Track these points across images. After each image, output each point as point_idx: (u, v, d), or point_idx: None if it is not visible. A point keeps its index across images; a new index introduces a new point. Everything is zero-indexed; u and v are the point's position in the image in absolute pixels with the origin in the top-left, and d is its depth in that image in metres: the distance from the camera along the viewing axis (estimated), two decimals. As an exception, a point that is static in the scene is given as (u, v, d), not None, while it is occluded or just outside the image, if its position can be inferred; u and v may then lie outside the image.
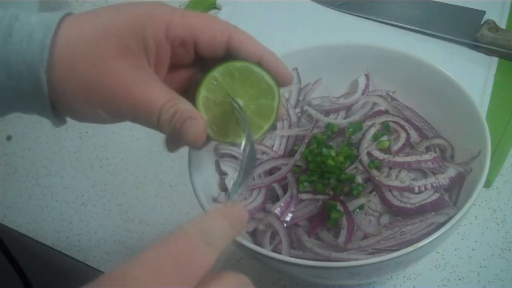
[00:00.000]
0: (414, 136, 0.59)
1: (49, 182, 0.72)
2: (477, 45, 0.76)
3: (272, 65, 0.46)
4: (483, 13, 0.80)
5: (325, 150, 0.56)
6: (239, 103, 0.45)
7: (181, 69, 0.47)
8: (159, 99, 0.42)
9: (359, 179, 0.55)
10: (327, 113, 0.62)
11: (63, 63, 0.41)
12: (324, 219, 0.53)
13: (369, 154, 0.56)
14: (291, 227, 0.54)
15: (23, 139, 0.77)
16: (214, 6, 0.87)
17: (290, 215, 0.54)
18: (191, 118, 0.42)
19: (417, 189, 0.53)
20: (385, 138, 0.57)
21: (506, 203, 0.63)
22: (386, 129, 0.59)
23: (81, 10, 0.45)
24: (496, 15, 0.80)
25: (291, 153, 0.60)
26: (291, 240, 0.53)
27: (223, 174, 0.58)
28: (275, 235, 0.53)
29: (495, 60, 0.75)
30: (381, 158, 0.56)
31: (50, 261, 0.67)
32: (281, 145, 0.60)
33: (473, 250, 0.59)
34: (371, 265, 0.46)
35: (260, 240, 0.53)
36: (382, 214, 0.54)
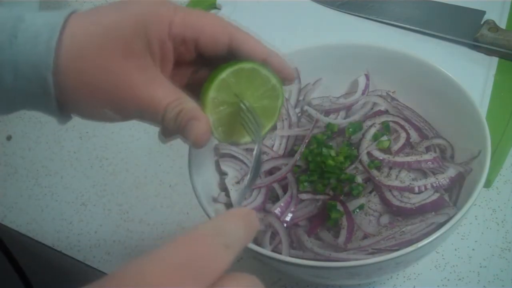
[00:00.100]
0: (414, 136, 0.59)
1: (49, 182, 0.72)
2: (477, 45, 0.76)
3: (275, 64, 0.46)
4: (483, 13, 0.80)
5: (325, 150, 0.56)
6: (248, 105, 0.46)
7: (184, 66, 0.47)
8: (164, 98, 0.42)
9: (359, 179, 0.55)
10: (327, 113, 0.62)
11: (69, 65, 0.41)
12: (324, 219, 0.53)
13: (369, 154, 0.56)
14: (291, 227, 0.54)
15: (23, 139, 0.77)
16: (214, 6, 0.87)
17: (290, 215, 0.54)
18: (195, 118, 0.42)
19: (417, 189, 0.53)
20: (385, 138, 0.57)
21: (506, 203, 0.63)
22: (386, 129, 0.59)
23: (81, 10, 0.45)
24: (496, 15, 0.80)
25: (291, 153, 0.60)
26: (291, 240, 0.53)
27: (223, 174, 0.58)
28: (275, 235, 0.53)
29: (495, 60, 0.76)
30: (381, 158, 0.56)
31: (50, 261, 0.67)
32: (281, 145, 0.60)
33: (473, 250, 0.59)
34: (371, 265, 0.46)
35: (260, 240, 0.53)
36: (382, 214, 0.54)
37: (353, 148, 0.58)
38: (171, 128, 0.43)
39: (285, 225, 0.54)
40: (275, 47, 0.48)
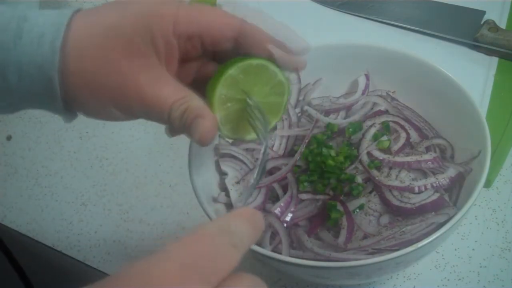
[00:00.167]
0: (414, 136, 0.59)
1: (49, 182, 0.72)
2: (477, 45, 0.76)
3: (283, 62, 0.46)
4: (483, 13, 0.80)
5: (325, 150, 0.56)
6: (256, 102, 0.45)
7: (190, 61, 0.46)
8: (170, 97, 0.42)
9: (359, 179, 0.55)
10: (327, 113, 0.62)
11: (74, 65, 0.41)
12: (324, 219, 0.53)
13: (369, 154, 0.56)
14: (291, 227, 0.54)
15: (23, 139, 0.77)
16: (214, 6, 0.87)
17: (290, 215, 0.54)
18: (200, 116, 0.42)
19: (417, 189, 0.53)
20: (385, 138, 0.57)
21: (506, 203, 0.63)
22: (386, 129, 0.59)
23: (85, 9, 0.44)
24: (496, 15, 0.80)
25: (291, 153, 0.60)
26: (291, 240, 0.53)
27: (223, 174, 0.58)
28: (275, 235, 0.53)
29: (495, 60, 0.76)
30: (381, 158, 0.56)
31: (50, 261, 0.67)
32: (281, 145, 0.60)
33: (473, 250, 0.59)
34: (371, 265, 0.46)
35: (260, 240, 0.53)
36: (382, 214, 0.54)
37: (353, 148, 0.58)
38: (177, 126, 0.42)
39: (285, 225, 0.54)
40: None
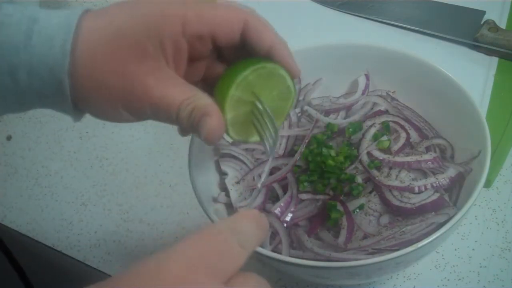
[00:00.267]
0: (414, 136, 0.59)
1: (49, 182, 0.72)
2: (477, 45, 0.76)
3: (281, 57, 0.46)
4: (483, 13, 0.80)
5: (325, 150, 0.56)
6: (265, 106, 0.45)
7: (198, 61, 0.46)
8: (177, 97, 0.42)
9: (359, 179, 0.55)
10: (327, 113, 0.62)
11: (84, 68, 0.41)
12: (324, 219, 0.53)
13: (369, 154, 0.56)
14: (291, 227, 0.54)
15: (23, 139, 0.77)
16: (214, 6, 0.87)
17: (290, 215, 0.54)
18: (207, 114, 0.42)
19: (417, 189, 0.53)
20: (385, 138, 0.57)
21: (506, 203, 0.63)
22: (386, 129, 0.59)
23: (94, 9, 0.44)
24: (496, 15, 0.80)
25: (291, 153, 0.60)
26: (291, 240, 0.53)
27: (223, 174, 0.58)
28: (275, 235, 0.53)
29: (495, 60, 0.76)
30: (381, 158, 0.56)
31: (50, 261, 0.67)
32: (281, 145, 0.60)
33: (473, 250, 0.59)
34: (371, 265, 0.46)
35: (260, 240, 0.53)
36: (382, 214, 0.54)
37: (353, 148, 0.58)
38: (186, 126, 0.43)
39: (285, 225, 0.54)
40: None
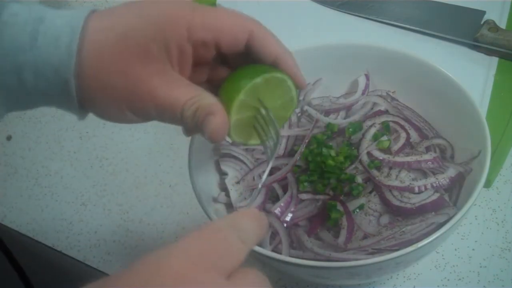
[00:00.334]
0: (414, 136, 0.59)
1: (49, 182, 0.72)
2: (477, 45, 0.76)
3: (287, 68, 0.46)
4: (483, 13, 0.80)
5: (325, 150, 0.56)
6: (269, 114, 0.46)
7: (202, 65, 0.47)
8: (182, 97, 0.42)
9: (359, 179, 0.55)
10: (327, 113, 0.62)
11: (90, 69, 0.41)
12: (324, 219, 0.53)
13: (369, 154, 0.56)
14: (291, 227, 0.54)
15: (23, 139, 0.77)
16: (214, 6, 0.87)
17: (290, 215, 0.54)
18: (211, 113, 0.42)
19: (417, 189, 0.53)
20: (385, 138, 0.57)
21: (506, 203, 0.63)
22: (386, 129, 0.59)
23: (100, 9, 0.44)
24: (496, 15, 0.80)
25: (291, 153, 0.60)
26: (291, 240, 0.53)
27: (223, 174, 0.58)
28: (275, 235, 0.53)
29: (495, 60, 0.76)
30: (381, 158, 0.56)
31: (50, 261, 0.67)
32: (281, 145, 0.60)
33: (473, 250, 0.59)
34: (371, 265, 0.46)
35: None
36: (382, 214, 0.54)
37: (353, 148, 0.58)
38: (190, 125, 0.43)
39: (285, 225, 0.54)
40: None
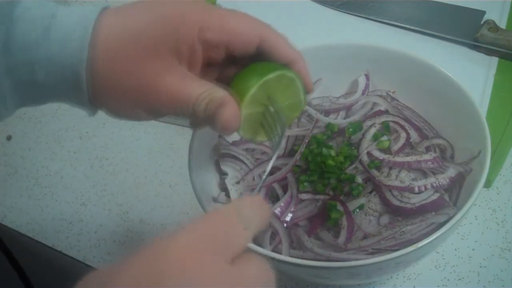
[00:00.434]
0: (414, 136, 0.59)
1: (49, 182, 0.72)
2: (477, 45, 0.76)
3: (298, 69, 0.47)
4: (483, 13, 0.80)
5: (325, 150, 0.56)
6: (279, 112, 0.46)
7: (212, 66, 0.47)
8: (194, 92, 0.42)
9: (359, 179, 0.55)
10: (327, 113, 0.62)
11: (103, 66, 0.42)
12: (324, 219, 0.53)
13: (369, 154, 0.56)
14: (291, 227, 0.54)
15: (23, 139, 0.77)
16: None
17: (290, 215, 0.54)
18: (223, 105, 0.42)
19: (417, 189, 0.53)
20: (385, 138, 0.57)
21: (506, 203, 0.63)
22: (386, 129, 0.59)
23: (112, 7, 0.44)
24: (496, 15, 0.80)
25: (291, 153, 0.60)
26: (291, 240, 0.53)
27: (223, 174, 0.58)
28: (275, 235, 0.53)
29: (495, 60, 0.76)
30: (381, 158, 0.56)
31: (50, 261, 0.67)
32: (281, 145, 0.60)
33: (473, 250, 0.59)
34: (371, 265, 0.46)
35: (260, 240, 0.53)
36: (382, 214, 0.54)
37: (353, 148, 0.58)
38: (202, 118, 0.43)
39: (285, 225, 0.54)
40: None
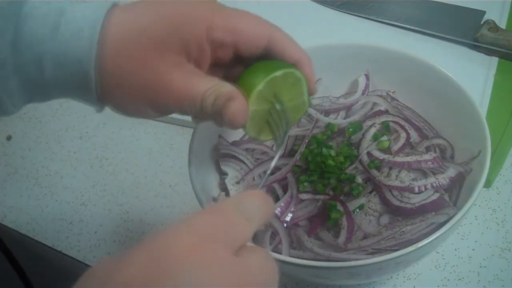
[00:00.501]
0: (414, 136, 0.59)
1: (49, 182, 0.72)
2: (477, 45, 0.76)
3: (305, 69, 0.47)
4: (483, 13, 0.80)
5: (325, 150, 0.56)
6: (285, 110, 0.46)
7: (219, 65, 0.47)
8: (202, 87, 0.42)
9: (359, 179, 0.55)
10: (327, 113, 0.62)
11: (111, 64, 0.42)
12: (324, 219, 0.53)
13: (369, 154, 0.56)
14: (291, 227, 0.54)
15: (23, 139, 0.77)
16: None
17: (290, 215, 0.54)
18: (231, 99, 0.42)
19: (417, 189, 0.53)
20: (385, 138, 0.57)
21: (506, 203, 0.63)
22: (386, 129, 0.59)
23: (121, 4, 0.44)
24: (496, 15, 0.80)
25: (291, 153, 0.60)
26: (291, 240, 0.53)
27: (223, 174, 0.58)
28: (275, 235, 0.53)
29: (495, 60, 0.76)
30: (381, 158, 0.56)
31: (50, 261, 0.67)
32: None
33: (473, 250, 0.59)
34: (371, 265, 0.46)
35: (260, 240, 0.53)
36: (382, 214, 0.54)
37: (353, 148, 0.58)
38: (210, 113, 0.43)
39: (285, 225, 0.54)
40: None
